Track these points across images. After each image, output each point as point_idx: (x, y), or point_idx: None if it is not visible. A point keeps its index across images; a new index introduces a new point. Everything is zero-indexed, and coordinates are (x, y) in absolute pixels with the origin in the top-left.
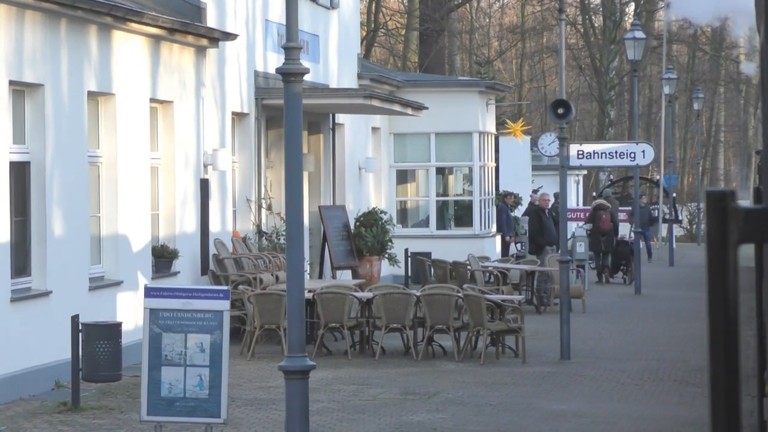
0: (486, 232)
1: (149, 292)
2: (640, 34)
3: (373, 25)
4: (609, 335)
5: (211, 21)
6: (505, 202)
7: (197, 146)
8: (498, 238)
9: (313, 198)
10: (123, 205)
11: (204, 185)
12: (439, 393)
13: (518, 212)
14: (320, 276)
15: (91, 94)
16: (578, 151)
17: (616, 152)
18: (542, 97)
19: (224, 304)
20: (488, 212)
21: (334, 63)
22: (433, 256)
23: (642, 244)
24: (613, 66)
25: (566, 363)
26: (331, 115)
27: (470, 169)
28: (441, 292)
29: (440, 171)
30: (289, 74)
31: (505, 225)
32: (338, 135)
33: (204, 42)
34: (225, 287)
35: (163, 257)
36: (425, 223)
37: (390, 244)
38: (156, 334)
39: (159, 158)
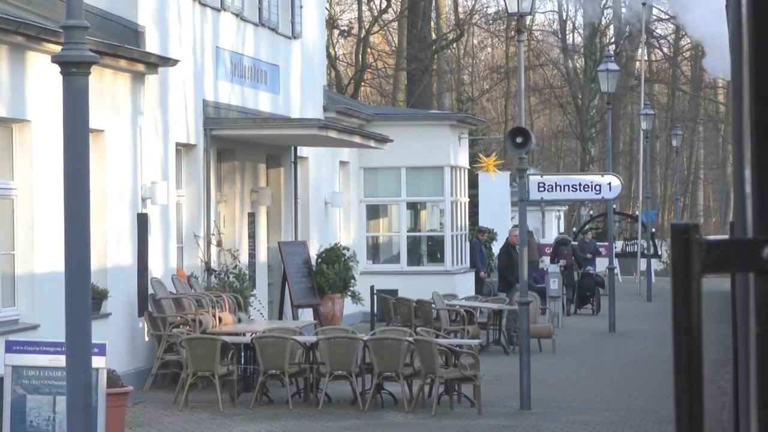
0: (458, 269)
1: (11, 347)
2: (613, 66)
3: (360, 65)
4: (577, 379)
5: (152, 46)
6: (478, 238)
7: (134, 179)
8: (471, 274)
9: (273, 233)
10: (41, 241)
11: (142, 220)
12: None
13: (495, 247)
14: (280, 316)
15: (1, 120)
16: (539, 183)
17: (580, 185)
18: None
19: (100, 361)
20: (461, 248)
21: (296, 94)
22: (405, 293)
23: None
24: (593, 104)
25: (525, 414)
26: (292, 147)
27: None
28: (390, 336)
29: (413, 206)
30: (70, 64)
31: (479, 261)
32: (301, 168)
33: (140, 67)
34: (101, 342)
35: (91, 298)
36: (396, 259)
37: (353, 281)
38: (19, 396)
39: (90, 191)
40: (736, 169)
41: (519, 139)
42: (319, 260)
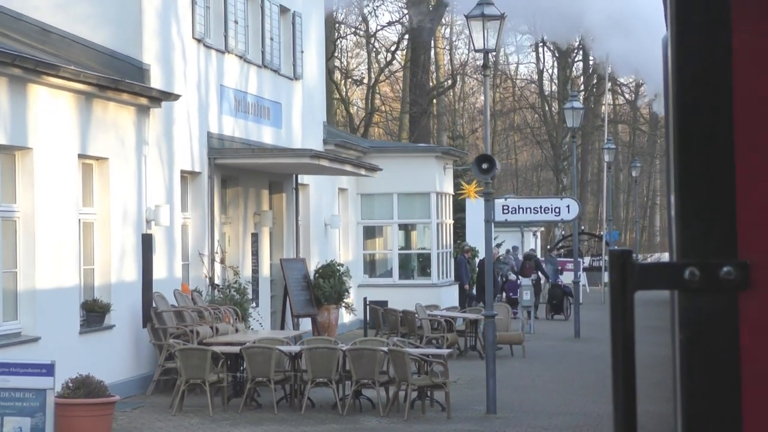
0: (444, 282)
1: None
2: (577, 104)
3: (370, 108)
4: (541, 383)
5: (156, 83)
6: (463, 255)
7: (138, 202)
8: (455, 287)
9: (276, 251)
10: (43, 259)
11: (146, 240)
12: None
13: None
14: (282, 325)
15: (2, 147)
16: (503, 206)
17: (540, 207)
18: (513, 168)
19: (48, 382)
20: (446, 264)
21: (298, 129)
22: (397, 304)
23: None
24: (565, 141)
25: (491, 418)
26: (294, 175)
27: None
28: (367, 347)
29: (404, 227)
30: None
31: (464, 274)
32: (303, 194)
33: (143, 101)
34: (49, 362)
35: (93, 311)
36: (390, 273)
37: (347, 293)
38: None
39: (94, 213)
40: (666, 196)
41: (485, 165)
42: (317, 275)
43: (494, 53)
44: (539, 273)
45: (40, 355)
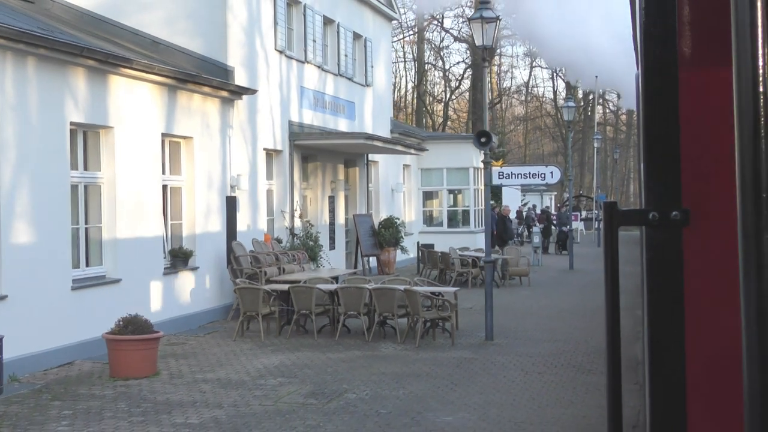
0: (479, 230)
1: None
2: (571, 104)
3: (445, 117)
4: (537, 310)
5: (241, 81)
6: (493, 210)
7: (223, 172)
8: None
9: (350, 209)
10: (121, 216)
11: (230, 201)
12: (345, 393)
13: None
14: (355, 263)
15: (81, 125)
16: (499, 172)
17: (529, 173)
18: (540, 155)
19: None
20: (481, 217)
21: (369, 121)
22: (444, 246)
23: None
24: (571, 135)
25: (488, 345)
26: (365, 154)
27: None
28: (387, 286)
29: (452, 191)
30: None
31: (494, 225)
32: (374, 168)
33: (224, 93)
34: None
35: (178, 256)
36: (441, 224)
37: (402, 239)
38: None
39: (182, 180)
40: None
41: (483, 139)
42: (380, 226)
43: (492, 48)
44: (549, 222)
45: (121, 293)
